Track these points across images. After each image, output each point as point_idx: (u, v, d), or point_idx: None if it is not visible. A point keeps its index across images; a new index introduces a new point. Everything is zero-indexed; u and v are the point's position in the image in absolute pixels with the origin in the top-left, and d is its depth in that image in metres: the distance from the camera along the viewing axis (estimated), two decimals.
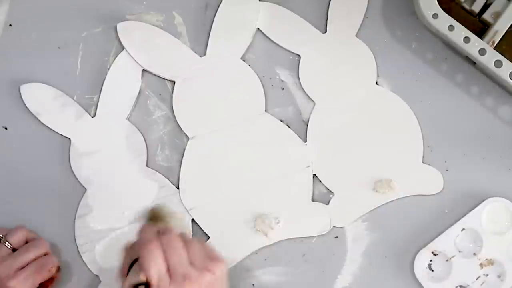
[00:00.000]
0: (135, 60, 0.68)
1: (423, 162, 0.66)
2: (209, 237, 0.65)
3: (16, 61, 0.69)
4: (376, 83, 0.67)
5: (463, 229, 0.63)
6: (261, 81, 0.68)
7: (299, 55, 0.68)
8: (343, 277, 0.65)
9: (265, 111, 0.67)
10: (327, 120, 0.67)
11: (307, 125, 0.67)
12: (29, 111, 0.67)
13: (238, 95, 0.67)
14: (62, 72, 0.68)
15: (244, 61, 0.68)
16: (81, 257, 0.65)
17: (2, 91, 0.68)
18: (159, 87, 0.68)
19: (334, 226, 0.65)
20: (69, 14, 0.69)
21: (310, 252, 0.65)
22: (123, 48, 0.68)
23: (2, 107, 0.68)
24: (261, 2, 0.69)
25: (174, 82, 0.68)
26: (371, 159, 0.66)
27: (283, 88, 0.68)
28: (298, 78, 0.68)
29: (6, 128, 0.68)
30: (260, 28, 0.68)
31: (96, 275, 0.64)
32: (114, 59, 0.68)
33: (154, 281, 0.50)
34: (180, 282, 0.49)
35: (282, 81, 0.68)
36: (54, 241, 0.65)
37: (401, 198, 0.65)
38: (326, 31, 0.68)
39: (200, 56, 0.68)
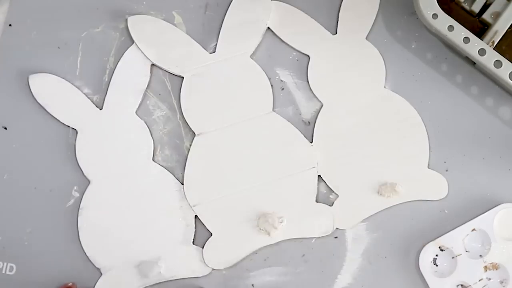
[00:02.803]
0: (144, 54, 0.68)
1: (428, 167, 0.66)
2: (211, 234, 0.65)
3: (16, 61, 0.69)
4: (385, 86, 0.67)
5: (474, 229, 0.63)
6: None
7: (303, 56, 0.68)
8: (343, 277, 0.65)
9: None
10: (334, 121, 0.67)
11: (308, 125, 0.67)
12: (29, 111, 0.67)
13: (246, 93, 0.67)
14: (62, 72, 0.68)
15: None
16: (83, 250, 0.65)
17: (2, 91, 0.68)
18: (159, 87, 0.68)
19: (337, 228, 0.65)
20: (69, 14, 0.70)
21: (310, 252, 0.65)
22: (123, 48, 0.68)
23: (2, 107, 0.68)
24: (272, 1, 0.68)
25: (183, 78, 0.67)
26: (376, 163, 0.66)
27: (282, 88, 0.68)
28: (298, 78, 0.68)
29: (5, 128, 0.68)
30: (271, 27, 0.68)
31: (97, 268, 0.65)
32: (114, 59, 0.68)
33: None
34: None
35: (282, 81, 0.68)
36: (55, 234, 0.65)
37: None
38: (336, 33, 0.68)
39: (210, 53, 0.68)
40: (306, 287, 0.65)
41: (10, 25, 0.70)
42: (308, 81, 0.67)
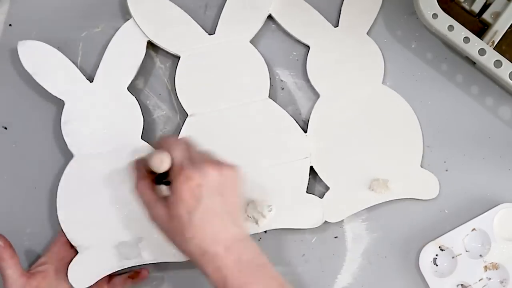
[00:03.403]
0: (141, 30, 0.66)
1: (422, 163, 0.66)
2: None
3: (16, 61, 0.68)
4: (383, 83, 0.67)
5: (474, 229, 0.63)
6: None
7: (303, 55, 0.68)
8: (343, 277, 0.65)
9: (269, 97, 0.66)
10: (330, 113, 0.66)
11: (308, 123, 0.66)
12: (29, 111, 0.67)
13: (242, 77, 0.66)
14: None
15: None
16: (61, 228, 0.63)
17: (2, 91, 0.68)
18: (159, 87, 0.68)
19: (326, 221, 0.64)
20: (69, 14, 0.69)
21: (310, 252, 0.65)
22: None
23: (2, 107, 0.68)
24: None
25: (179, 57, 0.66)
26: (369, 158, 0.65)
27: (283, 88, 0.68)
28: (298, 78, 0.68)
29: (5, 128, 0.68)
30: (272, 14, 0.67)
31: (74, 246, 0.63)
32: None
33: (178, 160, 0.53)
34: (200, 163, 0.53)
35: (282, 81, 0.68)
36: (55, 234, 0.64)
37: (401, 199, 0.65)
38: (338, 25, 0.68)
39: (209, 35, 0.67)
40: (306, 287, 0.65)
41: (10, 25, 0.70)
42: (307, 77, 0.67)
